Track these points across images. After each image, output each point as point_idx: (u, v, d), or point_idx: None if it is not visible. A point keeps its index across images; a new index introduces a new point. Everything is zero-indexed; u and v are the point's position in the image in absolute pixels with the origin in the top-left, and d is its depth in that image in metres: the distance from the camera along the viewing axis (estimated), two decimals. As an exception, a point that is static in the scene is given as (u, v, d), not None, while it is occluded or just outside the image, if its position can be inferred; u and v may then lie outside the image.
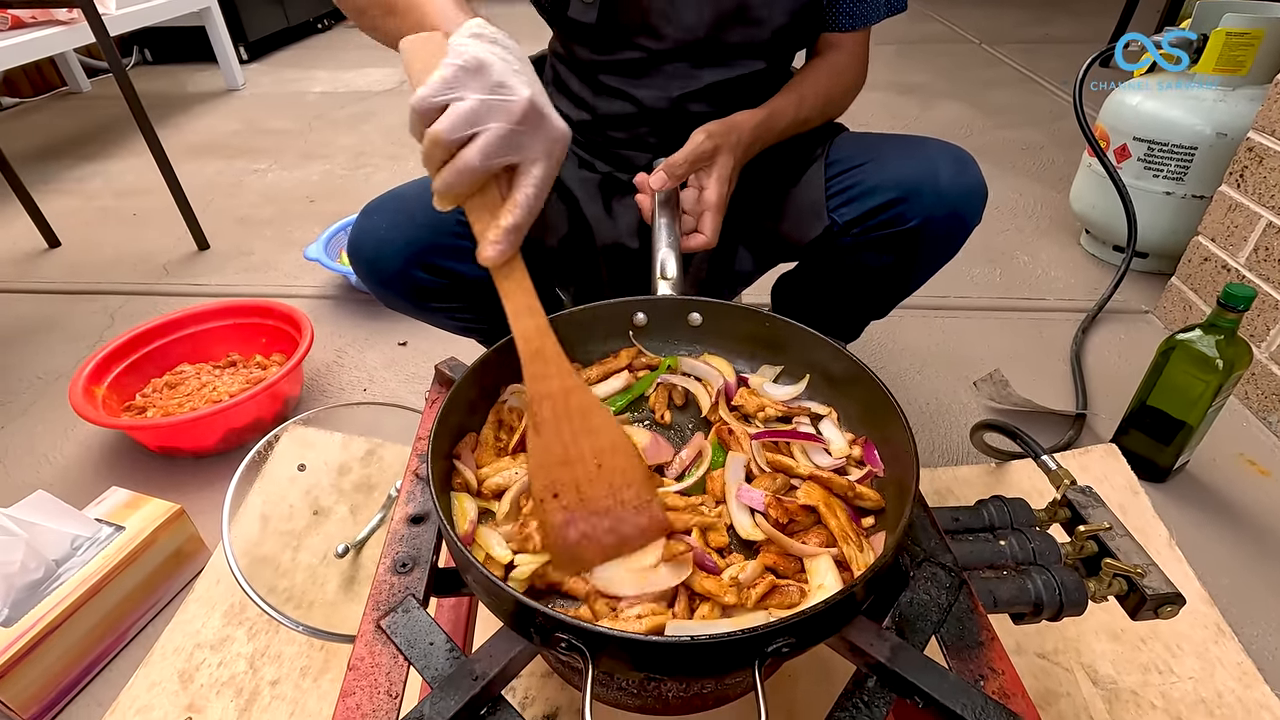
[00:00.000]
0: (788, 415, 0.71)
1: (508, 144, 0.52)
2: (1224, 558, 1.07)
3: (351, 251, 0.90)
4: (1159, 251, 1.73)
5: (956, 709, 0.48)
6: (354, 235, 0.89)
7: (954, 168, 0.88)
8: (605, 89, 0.97)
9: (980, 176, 0.89)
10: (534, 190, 0.54)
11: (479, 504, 0.62)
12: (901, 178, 0.87)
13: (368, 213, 0.89)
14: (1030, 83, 3.27)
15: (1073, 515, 0.73)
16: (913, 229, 0.88)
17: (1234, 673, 0.89)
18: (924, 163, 0.88)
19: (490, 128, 0.51)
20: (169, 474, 1.25)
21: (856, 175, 0.91)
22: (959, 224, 0.90)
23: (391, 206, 0.89)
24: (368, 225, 0.88)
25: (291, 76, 3.66)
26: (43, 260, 1.99)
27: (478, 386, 0.69)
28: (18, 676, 0.85)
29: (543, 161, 0.54)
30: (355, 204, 2.13)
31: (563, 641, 0.45)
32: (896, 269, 0.95)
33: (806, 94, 0.94)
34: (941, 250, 0.93)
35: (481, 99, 0.50)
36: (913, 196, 0.87)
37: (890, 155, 0.90)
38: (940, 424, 1.34)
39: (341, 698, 0.52)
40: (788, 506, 0.58)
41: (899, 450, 0.60)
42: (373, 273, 0.89)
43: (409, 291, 0.90)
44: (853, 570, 0.55)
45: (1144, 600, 0.64)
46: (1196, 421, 1.11)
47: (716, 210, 0.84)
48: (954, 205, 0.88)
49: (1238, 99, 1.53)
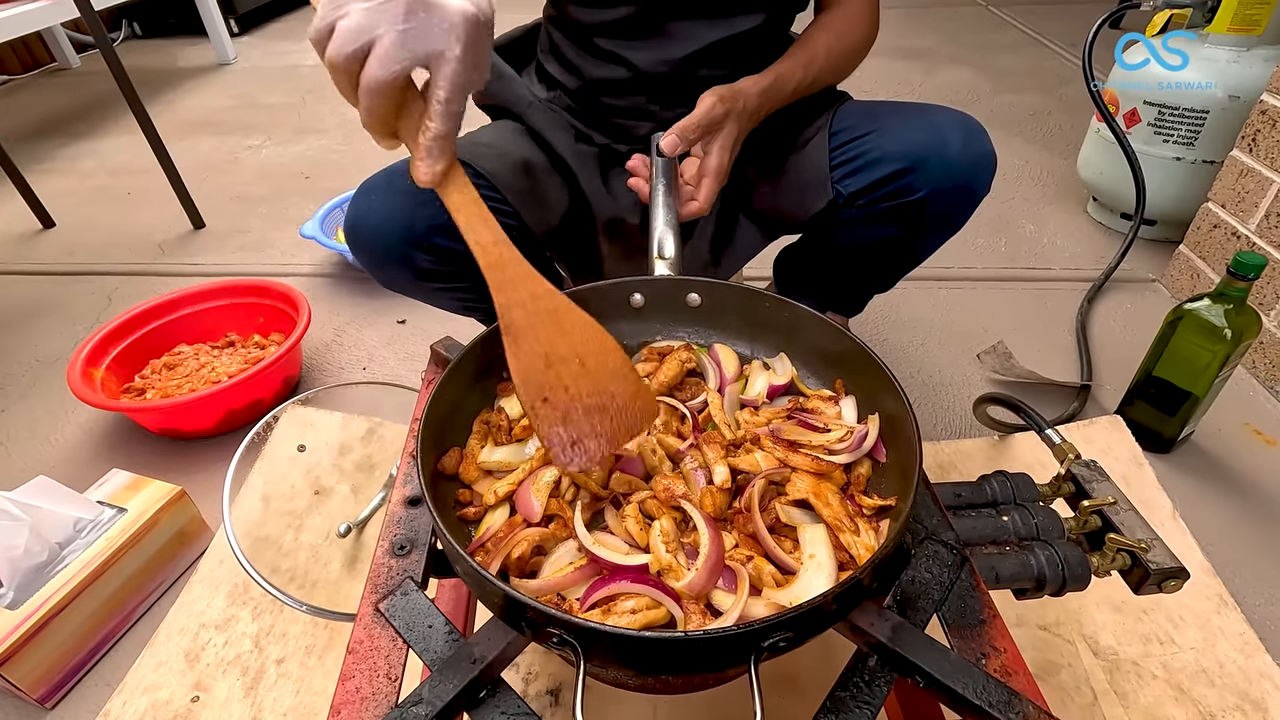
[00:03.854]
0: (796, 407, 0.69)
1: (403, 45, 0.49)
2: (1228, 528, 1.06)
3: (349, 234, 0.88)
4: (1167, 219, 1.70)
5: (958, 688, 0.47)
6: (351, 217, 0.87)
7: (963, 137, 0.85)
8: (599, 52, 0.94)
9: (989, 146, 0.87)
10: (446, 92, 0.51)
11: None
12: (909, 148, 0.85)
13: (364, 192, 0.87)
14: (1038, 45, 3.20)
15: (1076, 490, 0.72)
16: (919, 200, 0.86)
17: (1235, 643, 0.89)
18: (932, 132, 0.85)
19: (379, 34, 0.48)
20: (169, 455, 1.25)
21: (862, 145, 0.88)
22: (967, 195, 0.87)
23: (387, 186, 0.86)
24: (365, 207, 0.86)
25: (283, 49, 3.59)
26: (38, 241, 1.97)
27: (474, 367, 0.68)
28: (25, 658, 0.86)
29: (450, 56, 0.50)
30: (351, 180, 2.12)
31: (554, 636, 0.44)
32: (902, 241, 0.93)
33: (815, 54, 0.91)
34: (948, 222, 0.91)
35: (364, 8, 0.48)
36: (920, 167, 0.84)
37: (897, 124, 0.87)
38: (943, 397, 1.33)
39: (341, 681, 0.52)
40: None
41: (902, 434, 0.59)
42: (372, 255, 0.87)
43: (409, 273, 0.88)
44: (850, 553, 0.54)
45: (1147, 575, 0.63)
46: (1203, 392, 1.10)
47: (715, 177, 0.82)
48: (963, 176, 0.85)
49: (1252, 60, 1.49)
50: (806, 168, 0.92)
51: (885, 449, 0.63)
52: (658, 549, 0.53)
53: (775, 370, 0.73)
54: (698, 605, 0.50)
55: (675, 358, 0.70)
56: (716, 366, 0.72)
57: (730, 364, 0.72)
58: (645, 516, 0.57)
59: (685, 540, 0.55)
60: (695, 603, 0.50)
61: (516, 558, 0.53)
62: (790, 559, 0.54)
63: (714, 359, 0.73)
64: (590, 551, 0.53)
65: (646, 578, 0.51)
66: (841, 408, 0.67)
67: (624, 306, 0.78)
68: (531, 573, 0.55)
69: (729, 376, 0.71)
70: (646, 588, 0.50)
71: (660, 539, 0.53)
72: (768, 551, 0.54)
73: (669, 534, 0.54)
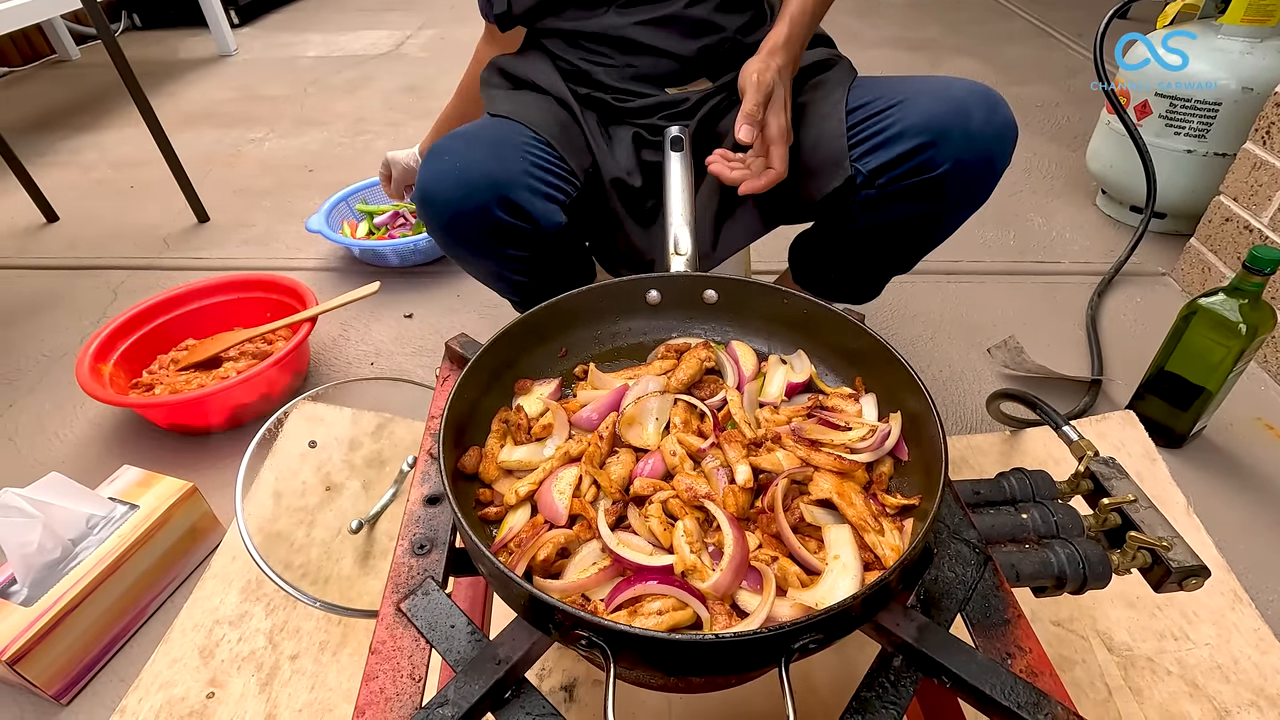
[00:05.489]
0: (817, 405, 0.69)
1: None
2: (1241, 523, 1.06)
3: (425, 194, 0.87)
4: (1178, 212, 1.69)
5: (985, 689, 0.47)
6: (426, 178, 0.86)
7: (985, 107, 0.83)
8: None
9: (1010, 115, 0.85)
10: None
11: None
12: (930, 120, 0.83)
13: (437, 153, 0.87)
14: (1045, 36, 3.17)
15: (1095, 487, 0.72)
16: (941, 175, 0.84)
17: (1250, 639, 0.89)
18: (953, 103, 0.83)
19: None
20: (180, 451, 1.25)
21: (881, 121, 0.86)
22: (989, 167, 0.86)
23: (464, 146, 0.87)
24: (441, 166, 0.86)
25: (284, 40, 3.57)
26: (42, 235, 1.96)
27: (492, 365, 0.68)
28: (41, 654, 0.86)
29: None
30: (356, 173, 2.11)
31: (583, 639, 0.44)
32: (924, 220, 0.92)
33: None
34: (971, 197, 0.90)
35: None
36: (942, 140, 0.82)
37: (915, 97, 0.86)
38: (955, 391, 1.33)
39: (365, 681, 0.52)
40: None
41: (925, 432, 0.59)
42: (450, 213, 0.86)
43: (486, 232, 0.87)
44: (875, 553, 0.54)
45: (1169, 573, 0.63)
46: (1216, 387, 1.10)
47: (782, 141, 0.84)
48: (985, 147, 0.84)
49: (1265, 51, 1.48)
50: (822, 146, 0.90)
51: (907, 447, 0.63)
52: (682, 549, 0.52)
53: (793, 367, 0.72)
54: (723, 606, 0.50)
55: (694, 355, 0.70)
56: (735, 364, 0.72)
57: (748, 361, 0.72)
58: (668, 516, 0.57)
59: (709, 540, 0.55)
60: (720, 603, 0.50)
61: (542, 560, 0.53)
62: (815, 559, 0.54)
63: (731, 356, 0.73)
64: (614, 552, 0.53)
65: (672, 578, 0.51)
66: (862, 405, 0.67)
67: (640, 303, 0.77)
68: (555, 573, 0.55)
69: (747, 374, 0.70)
70: (672, 588, 0.50)
71: (684, 539, 0.53)
72: (792, 552, 0.54)
73: (693, 534, 0.54)
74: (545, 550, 0.53)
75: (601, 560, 0.54)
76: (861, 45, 3.11)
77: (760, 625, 0.48)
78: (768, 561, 0.53)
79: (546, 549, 0.53)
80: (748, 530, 0.56)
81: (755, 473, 0.59)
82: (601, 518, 0.55)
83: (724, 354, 0.73)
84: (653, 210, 1.01)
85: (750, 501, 0.58)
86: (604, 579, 0.53)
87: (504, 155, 0.87)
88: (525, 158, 0.88)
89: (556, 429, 0.65)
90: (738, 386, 0.70)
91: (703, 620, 0.49)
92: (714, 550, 0.54)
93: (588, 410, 0.66)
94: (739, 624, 0.49)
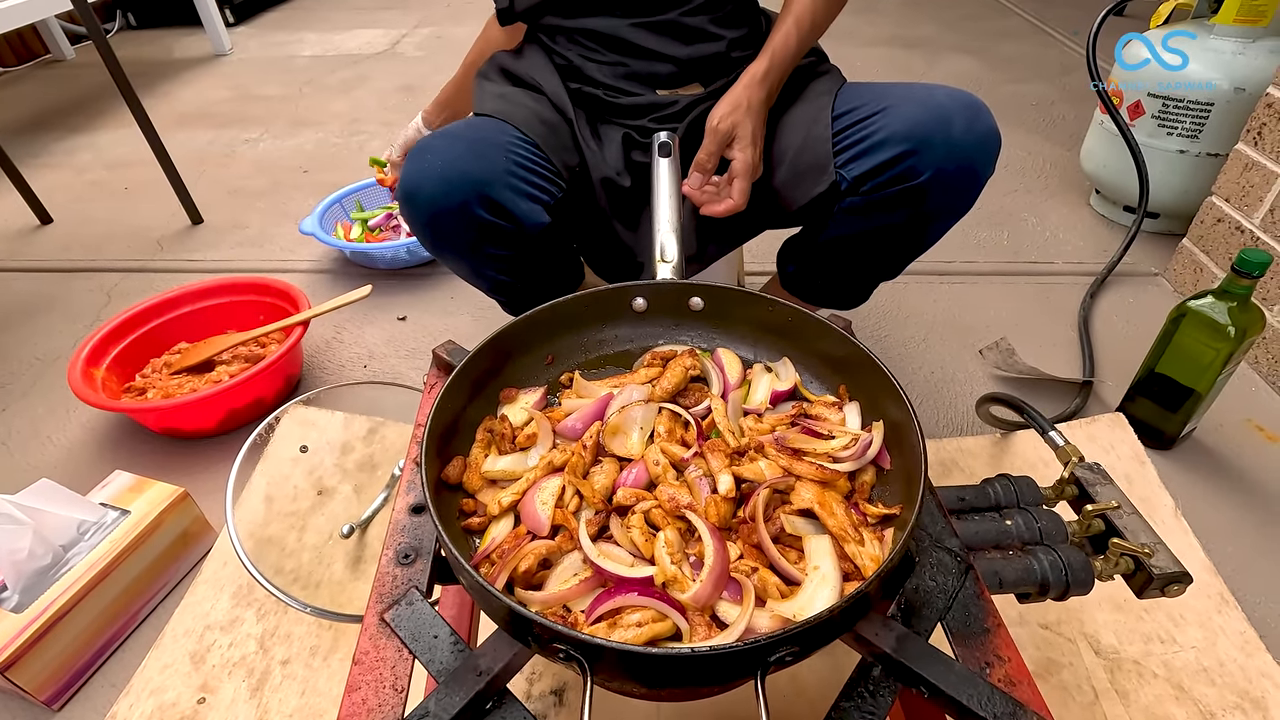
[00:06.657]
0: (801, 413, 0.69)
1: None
2: (1229, 525, 1.06)
3: (407, 192, 0.87)
4: (1170, 212, 1.70)
5: (963, 699, 0.48)
6: (409, 175, 0.86)
7: (967, 115, 0.84)
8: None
9: (993, 124, 0.86)
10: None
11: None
12: (912, 128, 0.83)
13: (420, 151, 0.87)
14: (1041, 34, 3.17)
15: (1080, 493, 0.72)
16: (923, 183, 0.84)
17: (1236, 641, 0.90)
18: (935, 111, 0.84)
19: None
20: (172, 455, 1.25)
21: (865, 128, 0.87)
22: (971, 176, 0.86)
23: (447, 145, 0.87)
24: (423, 164, 0.86)
25: (279, 40, 3.56)
26: (35, 237, 1.96)
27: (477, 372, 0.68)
28: (32, 660, 0.86)
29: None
30: (350, 174, 2.11)
31: (560, 651, 0.44)
32: (908, 228, 0.92)
33: (800, 11, 0.91)
34: (954, 204, 0.90)
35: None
36: (924, 148, 0.83)
37: (900, 105, 0.86)
38: (945, 394, 1.33)
39: (347, 692, 0.52)
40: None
41: (906, 441, 0.59)
42: (432, 211, 0.86)
43: (467, 231, 0.87)
44: (855, 563, 0.54)
45: (1151, 580, 0.63)
46: (1206, 389, 1.10)
47: (745, 175, 0.86)
48: (966, 156, 0.84)
49: (1258, 51, 1.48)
50: (807, 151, 0.91)
51: (890, 455, 0.63)
52: (663, 560, 0.53)
53: (778, 374, 0.73)
54: (703, 617, 0.51)
55: (679, 364, 0.70)
56: (720, 371, 0.72)
57: (733, 368, 0.72)
58: (650, 526, 0.57)
59: (690, 551, 0.55)
60: (700, 614, 0.51)
61: (523, 571, 0.53)
62: (795, 570, 0.54)
63: (717, 363, 0.73)
64: (595, 564, 0.53)
65: (652, 590, 0.51)
66: (846, 414, 0.67)
67: (626, 310, 0.77)
68: (537, 584, 0.55)
69: (732, 382, 0.71)
70: (652, 600, 0.50)
71: (665, 550, 0.53)
72: (772, 562, 0.54)
73: (674, 545, 0.54)
74: (527, 561, 0.53)
75: (583, 571, 0.54)
76: (858, 43, 3.11)
77: (737, 638, 0.48)
78: (748, 573, 0.53)
79: (528, 560, 0.53)
80: (729, 540, 0.57)
81: (738, 482, 0.59)
82: (583, 529, 0.55)
83: (709, 361, 0.73)
84: (641, 211, 1.01)
85: (732, 511, 0.58)
86: (585, 590, 0.53)
87: (486, 153, 0.87)
88: (509, 157, 0.88)
89: (541, 438, 0.65)
90: (722, 395, 0.70)
91: (682, 632, 0.50)
92: (695, 561, 0.54)
93: (572, 419, 0.66)
94: (719, 635, 0.49)
